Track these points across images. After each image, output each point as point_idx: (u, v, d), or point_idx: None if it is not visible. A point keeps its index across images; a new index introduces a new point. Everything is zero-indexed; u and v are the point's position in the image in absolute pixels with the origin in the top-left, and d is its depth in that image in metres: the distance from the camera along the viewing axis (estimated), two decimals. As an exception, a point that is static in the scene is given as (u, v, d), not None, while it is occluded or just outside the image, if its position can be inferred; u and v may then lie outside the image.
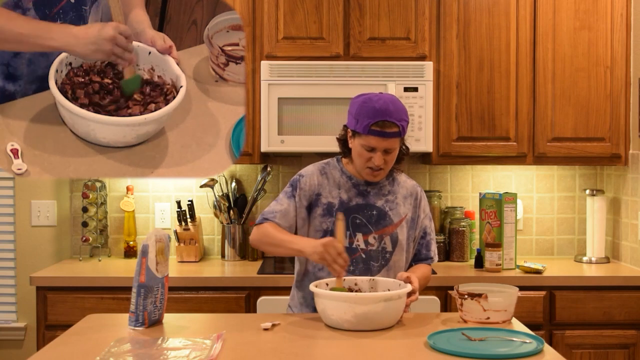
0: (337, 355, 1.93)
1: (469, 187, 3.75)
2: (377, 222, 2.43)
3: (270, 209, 2.44)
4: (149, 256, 2.14)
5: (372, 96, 2.33)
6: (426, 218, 2.53)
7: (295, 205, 2.42)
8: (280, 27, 3.35)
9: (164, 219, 3.72)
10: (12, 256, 3.71)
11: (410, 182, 2.54)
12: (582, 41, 3.40)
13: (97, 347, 1.94)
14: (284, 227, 2.40)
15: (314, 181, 2.44)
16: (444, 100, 3.40)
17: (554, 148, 3.42)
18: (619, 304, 3.17)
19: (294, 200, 2.43)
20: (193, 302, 3.12)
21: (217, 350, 1.89)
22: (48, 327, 3.12)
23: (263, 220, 2.41)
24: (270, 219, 2.40)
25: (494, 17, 3.39)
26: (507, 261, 3.35)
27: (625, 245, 3.50)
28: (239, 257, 3.62)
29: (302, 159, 3.72)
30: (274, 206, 2.44)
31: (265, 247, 2.40)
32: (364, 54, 3.36)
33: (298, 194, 2.43)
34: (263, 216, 2.43)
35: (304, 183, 2.44)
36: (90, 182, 3.58)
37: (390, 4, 3.35)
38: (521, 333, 2.07)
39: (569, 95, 3.41)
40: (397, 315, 2.16)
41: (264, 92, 3.29)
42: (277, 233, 2.36)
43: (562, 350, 3.12)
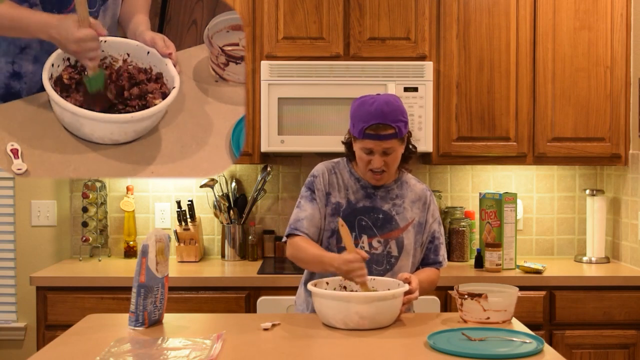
0: (337, 355, 1.93)
1: (469, 187, 3.75)
2: (383, 226, 2.42)
3: (296, 217, 2.43)
4: (149, 256, 2.14)
5: (368, 99, 2.33)
6: (435, 222, 2.52)
7: (319, 207, 2.43)
8: (280, 27, 3.35)
9: (164, 219, 3.72)
10: (12, 256, 3.71)
11: (420, 185, 2.53)
12: (582, 41, 3.40)
13: (97, 347, 1.94)
14: (314, 233, 2.41)
15: (325, 180, 2.46)
16: (444, 100, 3.40)
17: (554, 148, 3.42)
18: (619, 304, 3.17)
19: (316, 203, 2.43)
20: (193, 302, 3.12)
21: (217, 350, 1.89)
22: (48, 327, 3.12)
23: (293, 231, 2.41)
24: (299, 228, 2.41)
25: (494, 17, 3.39)
26: (507, 261, 3.35)
27: (625, 245, 3.50)
28: (239, 257, 3.62)
29: (302, 159, 3.72)
30: (298, 214, 2.43)
31: (299, 263, 2.43)
32: (364, 54, 3.36)
33: (317, 195, 2.44)
34: (292, 226, 2.43)
35: (318, 183, 2.45)
36: (90, 182, 3.58)
37: (390, 4, 3.35)
38: (521, 333, 2.07)
39: (569, 95, 3.41)
40: (394, 314, 2.16)
41: (264, 92, 3.29)
42: (307, 248, 2.36)
43: (562, 350, 3.12)
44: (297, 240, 2.39)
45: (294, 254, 2.40)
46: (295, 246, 2.39)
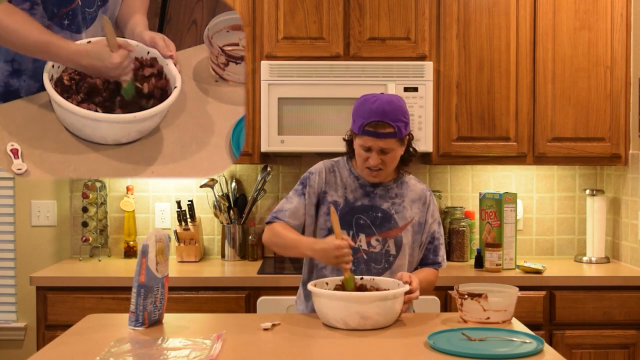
0: (337, 355, 1.93)
1: (469, 187, 3.75)
2: (381, 225, 2.42)
3: (281, 207, 2.45)
4: (149, 256, 2.14)
5: (370, 97, 2.34)
6: (435, 223, 2.51)
7: (305, 203, 2.43)
8: (280, 27, 3.35)
9: (164, 219, 3.72)
10: (12, 256, 3.71)
11: (420, 185, 2.53)
12: (582, 41, 3.40)
13: (97, 347, 1.94)
14: (294, 226, 2.42)
15: (322, 178, 2.45)
16: (444, 100, 3.40)
17: (554, 148, 3.42)
18: (619, 304, 3.17)
19: (303, 198, 2.44)
20: (193, 302, 3.12)
21: (217, 350, 1.89)
22: (48, 327, 3.12)
23: (273, 219, 2.43)
24: (280, 217, 2.42)
25: (494, 17, 3.39)
26: (507, 261, 3.35)
27: (625, 245, 3.50)
28: (239, 257, 3.62)
29: (302, 159, 3.72)
30: (284, 204, 2.45)
31: (275, 248, 2.44)
32: (364, 54, 3.36)
33: (307, 191, 2.44)
34: (273, 214, 2.44)
35: (312, 180, 2.45)
36: (90, 182, 3.58)
37: (390, 4, 3.35)
38: (521, 333, 2.07)
39: (569, 95, 3.41)
40: (394, 314, 2.16)
41: (264, 92, 3.29)
42: (286, 233, 2.37)
43: (562, 350, 3.12)
44: (275, 226, 2.41)
45: (271, 239, 2.41)
46: (273, 231, 2.40)
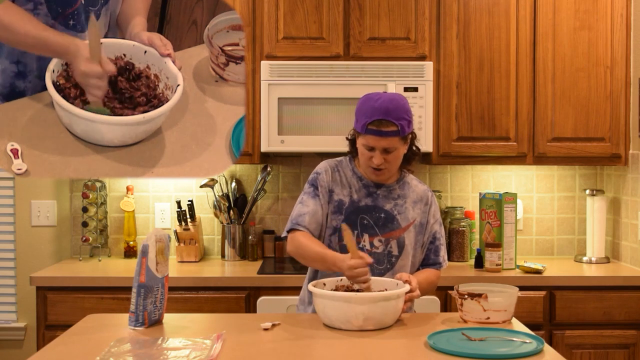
0: (337, 355, 1.93)
1: (469, 187, 3.75)
2: (384, 226, 2.42)
3: (298, 212, 2.42)
4: (149, 256, 2.14)
5: (373, 95, 2.34)
6: (436, 223, 2.52)
7: (321, 203, 2.42)
8: (280, 27, 3.35)
9: (164, 219, 3.72)
10: (12, 256, 3.71)
11: (421, 186, 2.53)
12: (582, 41, 3.40)
13: (97, 347, 1.94)
14: (315, 229, 2.40)
15: (329, 177, 2.45)
16: (444, 100, 3.40)
17: (554, 148, 3.42)
18: (619, 304, 3.17)
19: (318, 199, 2.42)
20: (193, 302, 3.12)
21: (217, 350, 1.89)
22: (48, 327, 3.12)
23: (294, 226, 2.40)
24: (300, 223, 2.39)
25: (494, 17, 3.39)
26: (507, 261, 3.35)
27: (625, 245, 3.50)
28: (239, 257, 3.62)
29: (302, 159, 3.72)
30: (300, 209, 2.42)
31: (301, 260, 2.40)
32: (364, 54, 3.36)
33: (320, 191, 2.43)
34: (293, 222, 2.41)
35: (322, 180, 2.44)
36: (90, 182, 3.58)
37: (390, 4, 3.35)
38: (521, 333, 2.07)
39: (569, 95, 3.41)
40: (395, 315, 2.16)
41: (264, 92, 3.29)
42: (310, 247, 2.33)
43: (562, 350, 3.12)
44: (298, 236, 2.37)
45: (295, 251, 2.38)
46: (297, 242, 2.37)
